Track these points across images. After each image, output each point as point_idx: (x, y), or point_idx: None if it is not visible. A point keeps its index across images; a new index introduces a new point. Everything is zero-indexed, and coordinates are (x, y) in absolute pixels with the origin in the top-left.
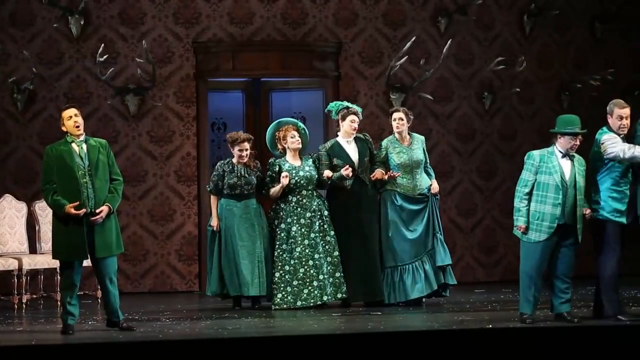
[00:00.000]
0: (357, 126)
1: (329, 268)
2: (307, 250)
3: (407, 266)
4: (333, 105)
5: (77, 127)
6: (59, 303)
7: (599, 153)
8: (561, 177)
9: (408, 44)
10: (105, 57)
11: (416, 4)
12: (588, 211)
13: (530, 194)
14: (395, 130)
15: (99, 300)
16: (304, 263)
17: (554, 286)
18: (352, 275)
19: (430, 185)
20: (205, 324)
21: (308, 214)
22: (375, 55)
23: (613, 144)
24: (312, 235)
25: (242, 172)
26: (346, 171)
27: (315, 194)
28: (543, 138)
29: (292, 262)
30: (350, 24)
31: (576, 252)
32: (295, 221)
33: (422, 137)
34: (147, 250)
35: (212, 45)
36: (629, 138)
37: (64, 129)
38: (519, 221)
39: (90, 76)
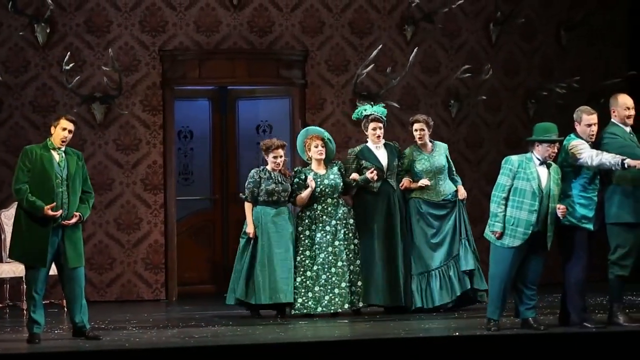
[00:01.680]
0: (381, 133)
1: (351, 277)
2: (330, 258)
3: (433, 272)
4: (356, 114)
5: (64, 141)
6: (25, 312)
7: (566, 160)
8: (538, 184)
9: (374, 52)
10: (71, 65)
11: (382, 12)
12: (562, 207)
13: (506, 199)
14: (417, 140)
15: (65, 309)
16: (326, 270)
17: (521, 293)
18: (375, 280)
19: (456, 191)
20: (171, 333)
21: (333, 222)
22: (341, 63)
23: (581, 150)
24: (337, 242)
25: (279, 179)
26: (371, 174)
27: (340, 202)
28: (509, 146)
29: (314, 267)
30: (316, 32)
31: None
32: (320, 228)
33: (445, 145)
34: (113, 258)
35: (178, 54)
36: (596, 145)
37: (52, 130)
38: (496, 226)
39: (56, 84)
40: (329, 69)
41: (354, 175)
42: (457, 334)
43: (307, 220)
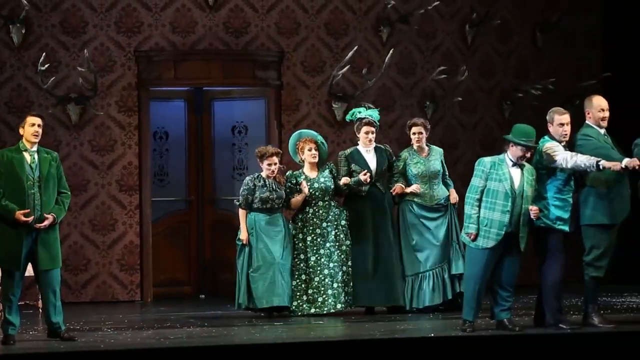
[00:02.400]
0: (372, 137)
1: (343, 277)
2: (322, 260)
3: (427, 273)
4: (350, 115)
5: (36, 135)
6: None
7: (541, 162)
8: (510, 185)
9: (350, 53)
10: (46, 66)
11: (358, 13)
12: (535, 208)
13: (480, 200)
14: (415, 143)
15: (40, 311)
16: (318, 272)
17: (496, 294)
18: (367, 281)
19: (448, 195)
20: (147, 334)
21: (324, 224)
22: (317, 64)
23: (556, 152)
24: (328, 245)
25: (274, 187)
26: (364, 176)
27: (332, 204)
28: (485, 147)
29: (307, 270)
30: (292, 33)
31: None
32: (311, 231)
33: (441, 150)
34: (88, 259)
35: (154, 54)
36: (570, 147)
37: (21, 131)
38: (470, 228)
39: (31, 85)
40: (305, 70)
41: (345, 180)
42: (432, 335)
43: (299, 224)
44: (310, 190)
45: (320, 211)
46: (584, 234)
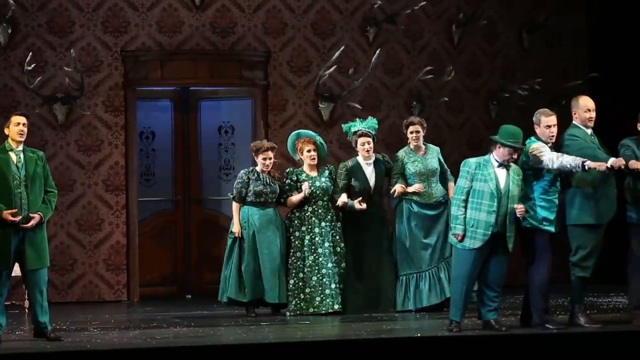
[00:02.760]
0: (370, 147)
1: (338, 278)
2: (320, 259)
3: (423, 273)
4: (346, 127)
5: (21, 134)
6: None
7: (527, 163)
8: (496, 186)
9: (337, 53)
10: (33, 65)
11: (345, 13)
12: (520, 206)
13: (466, 201)
14: (412, 142)
15: (27, 310)
16: (316, 272)
17: (483, 294)
18: (362, 286)
19: (447, 192)
20: (133, 334)
21: (323, 224)
22: (304, 64)
23: (542, 153)
24: (326, 244)
25: (268, 181)
26: (360, 206)
27: (330, 205)
28: (472, 147)
29: (305, 270)
30: (279, 33)
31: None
32: (309, 230)
33: (437, 148)
34: (74, 259)
35: (140, 54)
36: (557, 147)
37: (6, 131)
38: (457, 229)
39: (18, 85)
40: (292, 70)
41: (343, 199)
42: (419, 335)
43: (296, 222)
44: (312, 189)
45: (320, 210)
46: (570, 234)
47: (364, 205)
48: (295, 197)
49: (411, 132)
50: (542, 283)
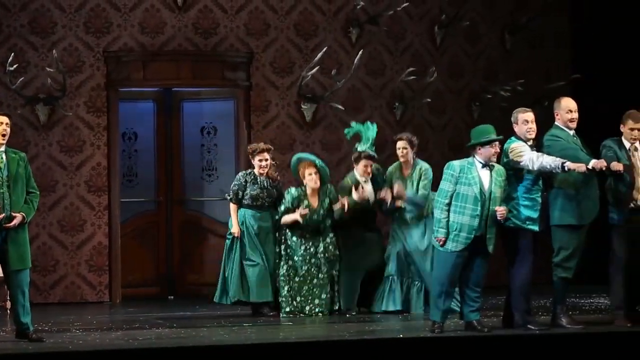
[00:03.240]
0: (371, 169)
1: (331, 284)
2: (312, 269)
3: (395, 278)
4: (349, 134)
5: (3, 135)
6: None
7: (508, 163)
8: (480, 189)
9: (319, 54)
10: (15, 66)
11: (328, 14)
12: (501, 209)
13: (449, 204)
14: (400, 158)
15: (8, 311)
16: (308, 282)
17: (465, 295)
18: (352, 285)
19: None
20: (115, 335)
21: (316, 236)
22: (286, 65)
23: (521, 153)
24: (319, 255)
25: (265, 184)
26: (361, 190)
27: (321, 227)
28: (454, 148)
29: (296, 279)
30: (261, 34)
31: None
32: (302, 242)
33: (424, 167)
34: (57, 260)
35: (123, 55)
36: (539, 148)
37: None
38: (439, 233)
39: (0, 85)
40: (274, 71)
41: (341, 204)
42: (401, 335)
43: (289, 231)
44: (307, 219)
45: (312, 231)
46: (553, 235)
47: (366, 187)
48: (290, 219)
49: (398, 148)
50: (524, 284)
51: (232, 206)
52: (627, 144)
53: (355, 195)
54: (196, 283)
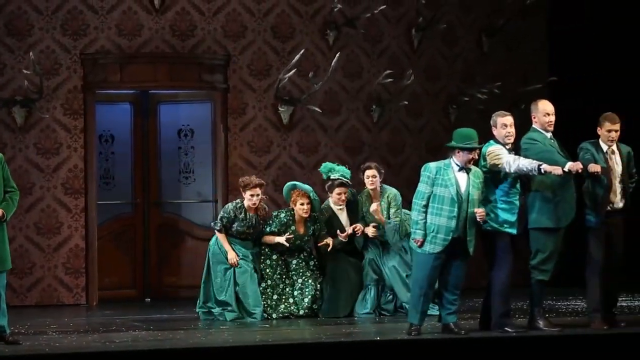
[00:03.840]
0: (345, 197)
1: (310, 282)
2: (287, 289)
3: (370, 286)
4: (325, 170)
5: None
6: None
7: (485, 166)
8: (457, 190)
9: (297, 57)
10: None
11: (305, 16)
12: (480, 210)
13: (426, 206)
14: (369, 186)
15: None
16: (284, 300)
17: (443, 297)
18: (340, 295)
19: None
20: (92, 338)
21: (295, 261)
22: (263, 67)
23: (498, 156)
24: (300, 280)
25: (253, 222)
26: (342, 235)
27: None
28: (431, 151)
29: (274, 277)
30: (238, 36)
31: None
32: (282, 262)
33: (392, 193)
34: (33, 263)
35: (99, 57)
36: (516, 151)
37: None
38: (417, 234)
39: None
40: (251, 73)
41: (328, 242)
42: (378, 338)
43: (268, 251)
44: (290, 244)
45: (294, 253)
46: (531, 238)
47: (345, 235)
48: (274, 241)
49: (367, 177)
50: (503, 286)
51: (221, 235)
52: (604, 147)
53: (340, 237)
54: (173, 285)
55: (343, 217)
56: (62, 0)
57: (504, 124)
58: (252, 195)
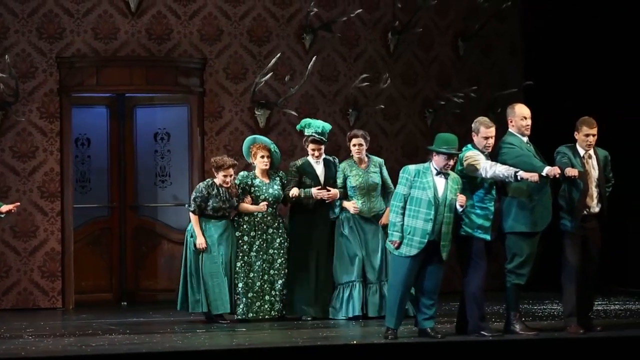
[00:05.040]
0: (319, 152)
1: (280, 283)
2: (264, 265)
3: (356, 283)
4: (302, 123)
5: None
6: None
7: (462, 171)
8: (434, 194)
9: (273, 61)
10: None
11: (281, 20)
12: (462, 197)
13: (404, 208)
14: (355, 155)
15: None
16: (260, 277)
17: (419, 302)
18: (306, 292)
19: (387, 208)
20: (68, 341)
21: (270, 230)
22: (240, 71)
23: (475, 162)
24: (271, 251)
25: (227, 197)
26: (318, 192)
27: (277, 213)
28: (407, 155)
29: (250, 274)
30: (215, 40)
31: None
32: (258, 235)
33: (381, 160)
34: (9, 266)
35: (76, 60)
36: (493, 155)
37: None
38: (394, 236)
39: None
40: (228, 77)
41: (294, 192)
42: (354, 342)
43: (245, 226)
44: (265, 195)
45: (269, 217)
46: (506, 242)
47: (324, 193)
48: (251, 207)
49: (354, 145)
50: (477, 291)
51: (194, 217)
52: (581, 151)
53: (314, 193)
54: (150, 289)
55: (319, 168)
56: (38, 4)
57: (486, 136)
58: (225, 176)
